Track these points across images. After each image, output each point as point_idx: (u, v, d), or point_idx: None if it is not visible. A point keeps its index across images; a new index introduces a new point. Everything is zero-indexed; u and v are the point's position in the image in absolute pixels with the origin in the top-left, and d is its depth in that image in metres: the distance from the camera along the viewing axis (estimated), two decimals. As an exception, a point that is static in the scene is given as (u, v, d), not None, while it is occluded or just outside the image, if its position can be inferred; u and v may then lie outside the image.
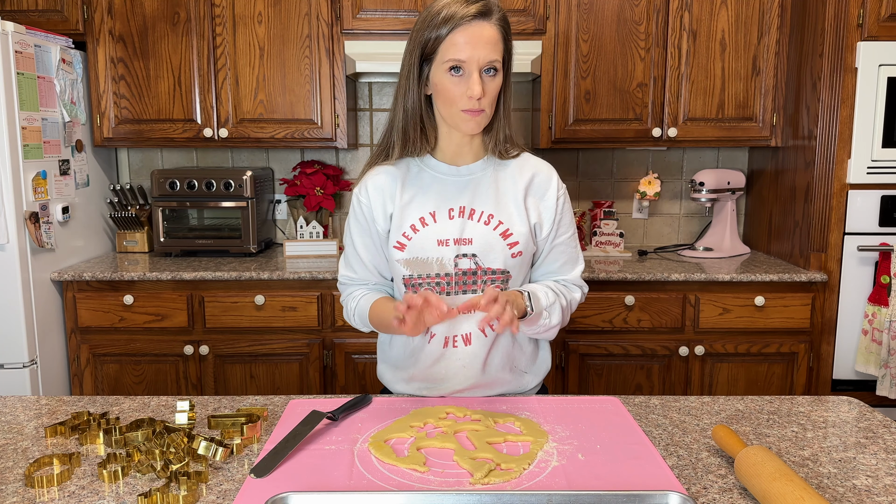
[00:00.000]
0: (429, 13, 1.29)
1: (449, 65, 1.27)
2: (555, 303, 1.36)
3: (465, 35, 1.26)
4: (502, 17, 1.30)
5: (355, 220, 1.43)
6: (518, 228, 1.37)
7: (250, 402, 1.36)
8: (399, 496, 0.92)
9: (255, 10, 2.70)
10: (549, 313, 1.35)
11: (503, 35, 1.30)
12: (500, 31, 1.29)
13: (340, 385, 2.62)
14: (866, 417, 1.28)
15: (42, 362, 2.46)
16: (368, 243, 1.43)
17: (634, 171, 3.14)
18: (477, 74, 1.27)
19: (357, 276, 1.46)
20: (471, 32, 1.26)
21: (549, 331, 1.38)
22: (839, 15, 2.43)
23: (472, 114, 1.30)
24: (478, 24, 1.26)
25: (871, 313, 2.48)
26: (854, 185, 2.50)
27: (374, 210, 1.40)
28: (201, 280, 2.55)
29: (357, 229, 1.43)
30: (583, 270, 1.47)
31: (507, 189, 1.39)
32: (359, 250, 1.44)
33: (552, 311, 1.35)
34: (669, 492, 0.91)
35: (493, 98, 1.31)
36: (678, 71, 2.73)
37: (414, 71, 1.32)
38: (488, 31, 1.27)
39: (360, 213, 1.42)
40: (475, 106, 1.29)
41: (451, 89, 1.29)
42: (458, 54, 1.26)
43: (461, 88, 1.28)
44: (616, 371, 2.62)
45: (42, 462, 1.07)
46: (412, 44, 1.32)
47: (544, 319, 1.34)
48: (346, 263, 1.48)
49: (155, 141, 2.80)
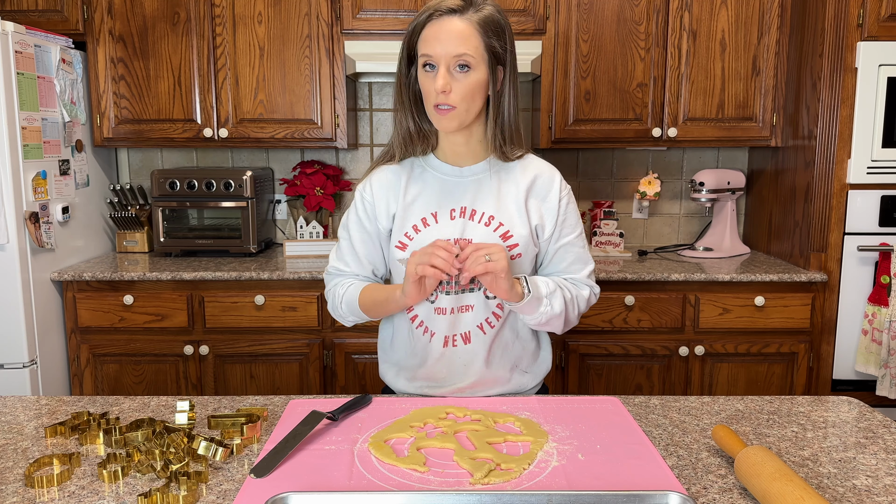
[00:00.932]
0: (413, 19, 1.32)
1: (422, 61, 1.29)
2: (555, 291, 1.34)
3: (433, 29, 1.27)
4: (484, 18, 1.27)
5: (355, 215, 1.44)
6: (518, 230, 1.37)
7: (250, 402, 1.36)
8: (399, 496, 0.92)
9: (255, 10, 2.70)
10: (550, 301, 1.33)
11: (480, 30, 1.27)
12: (474, 27, 1.26)
13: (340, 385, 2.62)
14: (866, 417, 1.28)
15: (42, 362, 2.46)
16: (366, 239, 1.43)
17: (634, 171, 3.14)
18: (444, 69, 1.26)
19: (348, 270, 1.46)
20: (438, 27, 1.26)
21: (553, 321, 1.36)
22: (839, 15, 2.43)
23: (442, 111, 1.29)
24: (448, 18, 1.26)
25: (871, 313, 2.48)
26: (854, 185, 2.50)
27: (377, 207, 1.41)
28: (201, 280, 2.55)
29: (356, 224, 1.44)
30: (593, 270, 1.45)
31: (509, 191, 1.39)
32: (355, 245, 1.44)
33: (553, 299, 1.34)
34: (669, 492, 0.91)
35: (464, 95, 1.28)
36: (678, 71, 2.73)
37: (402, 71, 1.35)
38: (458, 26, 1.26)
39: (361, 209, 1.43)
40: (443, 100, 1.28)
41: (425, 85, 1.30)
42: (426, 48, 1.27)
43: (432, 84, 1.28)
44: (616, 371, 2.62)
45: (42, 462, 1.07)
46: (401, 47, 1.34)
47: (545, 307, 1.33)
48: (338, 256, 1.48)
49: (155, 141, 2.80)
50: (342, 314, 1.46)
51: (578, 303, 1.41)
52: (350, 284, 1.43)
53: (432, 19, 1.27)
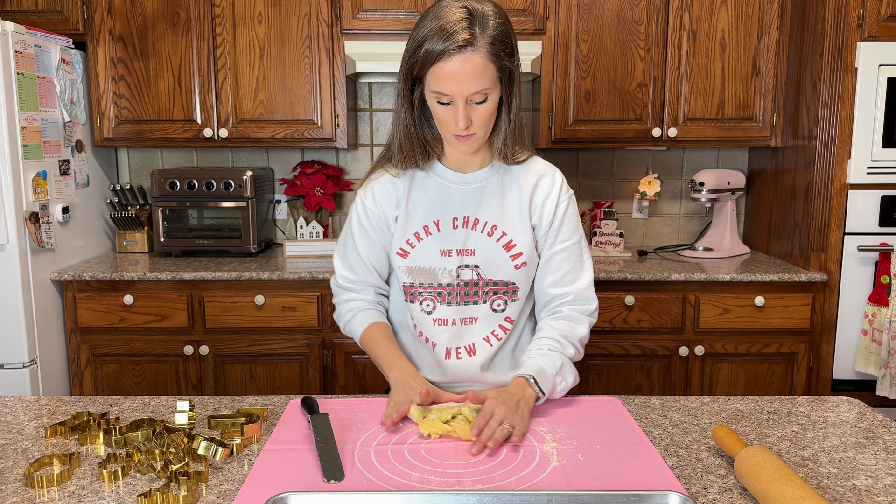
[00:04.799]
0: (414, 40, 1.23)
1: (436, 98, 1.25)
2: (563, 366, 1.31)
3: (447, 69, 1.19)
4: (492, 40, 1.20)
5: (358, 223, 1.42)
6: (521, 238, 1.35)
7: (250, 402, 1.36)
8: (399, 496, 0.92)
9: (255, 10, 2.70)
10: (563, 377, 1.31)
11: (493, 58, 1.21)
12: (487, 57, 1.20)
13: (340, 385, 2.62)
14: (866, 417, 1.28)
15: (42, 362, 2.46)
16: (371, 246, 1.42)
17: (634, 171, 3.14)
18: (463, 104, 1.22)
19: (358, 278, 1.45)
20: (452, 67, 1.19)
21: (569, 386, 1.34)
22: (839, 15, 2.43)
23: (463, 139, 1.28)
24: (459, 56, 1.19)
25: (871, 313, 2.48)
26: (854, 185, 2.50)
27: (380, 214, 1.39)
28: (201, 280, 2.55)
29: (360, 232, 1.42)
30: (591, 280, 1.40)
31: (513, 197, 1.37)
32: (361, 252, 1.42)
33: (565, 374, 1.32)
34: (669, 492, 0.91)
35: (484, 122, 1.26)
36: (678, 71, 2.73)
37: (405, 92, 1.29)
38: (471, 64, 1.19)
39: (364, 217, 1.41)
40: (463, 132, 1.26)
41: (441, 115, 1.26)
42: (440, 87, 1.22)
43: (449, 116, 1.25)
44: (616, 371, 2.62)
45: (42, 462, 1.07)
46: (403, 65, 1.28)
47: (559, 386, 1.30)
48: (345, 264, 1.46)
49: (155, 141, 2.80)
50: (346, 332, 1.51)
51: (579, 349, 1.38)
52: (359, 312, 1.45)
53: (442, 59, 1.19)
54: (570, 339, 1.36)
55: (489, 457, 1.09)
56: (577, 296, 1.40)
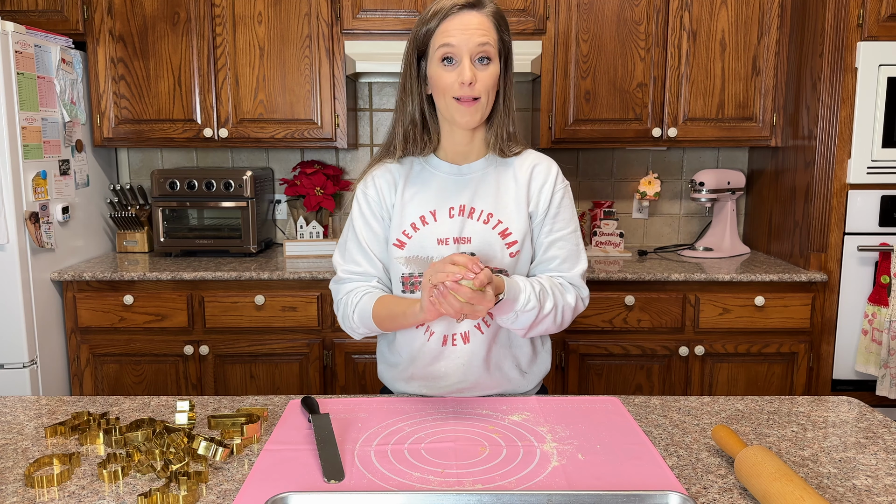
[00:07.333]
0: (422, 17, 1.33)
1: (440, 53, 1.30)
2: (535, 292, 1.28)
3: (453, 23, 1.29)
4: (496, 11, 1.33)
5: (360, 214, 1.42)
6: (516, 226, 1.37)
7: (250, 402, 1.36)
8: (399, 496, 0.92)
9: (255, 10, 2.70)
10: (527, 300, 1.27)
11: (496, 26, 1.32)
12: (491, 21, 1.31)
13: (340, 385, 2.62)
14: (866, 417, 1.28)
15: (42, 362, 2.46)
16: (374, 236, 1.41)
17: (634, 171, 3.14)
18: (468, 60, 1.28)
19: (361, 269, 1.42)
20: (459, 20, 1.29)
21: (525, 315, 1.28)
22: (839, 15, 2.43)
23: (467, 103, 1.30)
24: (467, 12, 1.29)
25: (871, 313, 2.48)
26: (854, 185, 2.50)
27: (381, 203, 1.41)
28: (201, 280, 2.55)
29: (362, 223, 1.42)
30: (585, 270, 1.42)
31: (508, 187, 1.39)
32: (365, 243, 1.41)
33: (541, 297, 1.28)
34: (669, 492, 0.91)
35: (487, 87, 1.30)
36: (678, 71, 2.73)
37: (412, 69, 1.35)
38: (477, 19, 1.29)
39: (366, 207, 1.41)
40: (467, 93, 1.29)
41: (444, 77, 1.30)
42: (447, 39, 1.29)
43: (453, 76, 1.29)
44: (616, 371, 2.62)
45: (42, 462, 1.07)
46: (408, 44, 1.35)
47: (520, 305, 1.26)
48: (347, 258, 1.43)
49: (155, 141, 2.80)
50: (353, 326, 1.40)
51: (563, 310, 1.35)
52: (365, 293, 1.38)
53: (451, 14, 1.29)
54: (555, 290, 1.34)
55: (489, 457, 1.09)
56: (572, 282, 1.41)
